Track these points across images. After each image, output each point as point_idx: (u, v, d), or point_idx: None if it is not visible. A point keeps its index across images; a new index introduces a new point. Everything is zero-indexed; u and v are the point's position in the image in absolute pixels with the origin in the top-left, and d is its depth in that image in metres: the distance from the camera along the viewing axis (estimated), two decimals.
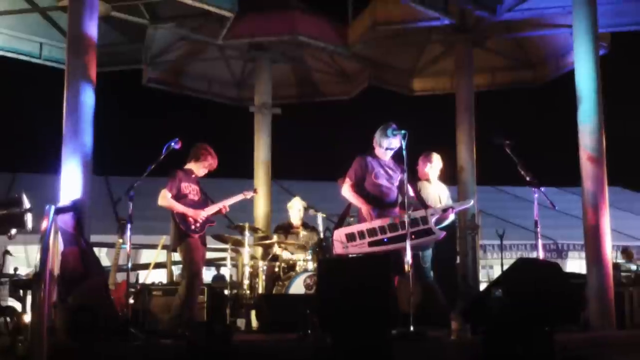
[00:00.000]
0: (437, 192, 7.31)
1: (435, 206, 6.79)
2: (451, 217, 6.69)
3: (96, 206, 7.04)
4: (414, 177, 6.83)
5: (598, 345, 6.50)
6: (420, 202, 6.56)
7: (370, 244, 6.33)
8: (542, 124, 22.57)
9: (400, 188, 6.43)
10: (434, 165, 7.47)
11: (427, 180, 7.42)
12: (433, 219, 6.33)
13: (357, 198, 6.53)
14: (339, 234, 6.45)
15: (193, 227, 6.94)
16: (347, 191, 6.62)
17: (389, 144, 6.53)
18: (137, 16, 9.79)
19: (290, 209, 9.02)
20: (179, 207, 6.90)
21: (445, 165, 7.72)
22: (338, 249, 6.43)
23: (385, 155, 6.62)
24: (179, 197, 6.98)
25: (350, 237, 6.38)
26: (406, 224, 5.96)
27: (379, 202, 6.52)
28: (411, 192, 6.44)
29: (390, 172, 6.58)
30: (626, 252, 11.74)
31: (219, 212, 7.26)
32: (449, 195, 7.55)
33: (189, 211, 6.89)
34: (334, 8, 11.41)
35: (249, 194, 7.88)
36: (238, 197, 7.51)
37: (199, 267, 6.99)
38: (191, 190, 7.08)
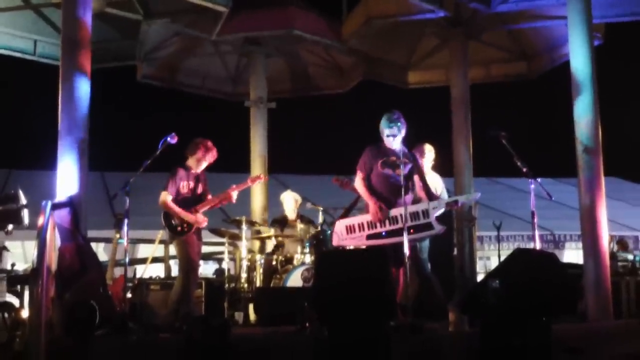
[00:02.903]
0: (432, 183, 7.31)
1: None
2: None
3: (93, 202, 7.03)
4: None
5: (595, 335, 6.52)
6: (427, 194, 6.54)
7: (368, 237, 6.36)
8: (538, 115, 22.61)
9: (408, 178, 6.42)
10: (426, 156, 7.48)
11: None
12: (435, 213, 6.32)
13: (368, 194, 6.50)
14: (340, 226, 6.50)
15: (179, 228, 6.95)
16: (359, 185, 6.61)
17: (388, 131, 6.48)
18: (131, 12, 9.75)
19: (283, 202, 9.04)
20: (176, 210, 6.93)
21: (442, 157, 7.73)
22: (334, 241, 6.48)
23: (392, 144, 6.54)
24: (177, 195, 6.99)
25: (350, 229, 6.43)
26: (405, 218, 5.97)
27: (385, 191, 6.49)
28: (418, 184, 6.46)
29: (397, 161, 6.48)
30: (621, 243, 11.78)
31: (226, 198, 7.26)
32: (444, 186, 7.55)
33: (189, 217, 6.90)
34: (328, 2, 11.40)
35: (254, 181, 7.92)
36: (241, 186, 7.48)
37: (193, 262, 6.99)
38: (188, 188, 7.08)
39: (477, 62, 11.62)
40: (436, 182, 7.41)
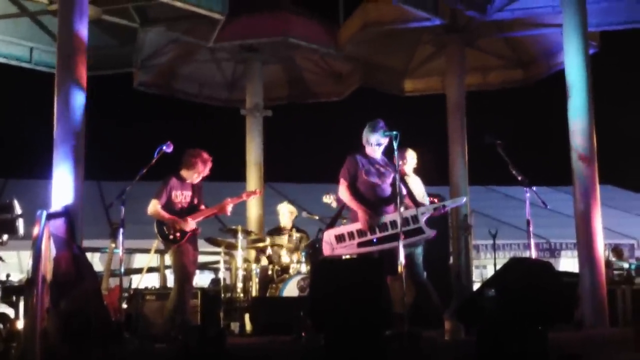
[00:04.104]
0: (415, 187, 7.28)
1: (419, 199, 6.72)
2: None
3: (88, 211, 7.01)
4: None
5: (591, 343, 6.52)
6: (412, 201, 6.52)
7: (359, 245, 6.28)
8: (534, 123, 22.65)
9: (393, 186, 6.40)
10: (408, 161, 7.48)
11: (405, 175, 7.40)
12: (424, 218, 6.31)
13: (356, 203, 6.38)
14: (329, 236, 6.41)
15: (172, 237, 6.90)
16: (344, 194, 6.48)
17: (376, 140, 6.46)
18: (128, 19, 9.76)
19: (279, 213, 9.10)
20: (165, 216, 6.89)
21: (437, 165, 7.73)
22: (326, 250, 6.39)
23: (375, 153, 6.54)
24: (169, 204, 6.95)
25: (340, 238, 6.34)
26: (399, 224, 5.96)
27: (371, 199, 6.43)
28: (403, 191, 6.44)
29: (381, 169, 6.50)
30: (616, 251, 11.79)
31: (221, 211, 7.22)
32: (424, 191, 7.52)
33: (179, 222, 6.87)
34: (325, 9, 11.42)
35: (249, 196, 7.88)
36: (236, 200, 7.42)
37: (188, 271, 6.94)
38: (182, 198, 7.04)
39: (474, 69, 11.67)
40: (418, 186, 7.39)
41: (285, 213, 9.07)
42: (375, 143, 6.49)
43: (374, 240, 6.26)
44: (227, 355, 5.06)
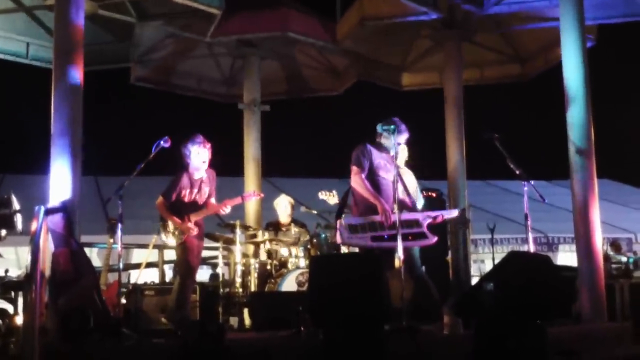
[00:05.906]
0: (408, 180, 7.23)
1: (412, 193, 6.74)
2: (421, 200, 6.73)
3: (86, 206, 6.99)
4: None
5: (590, 337, 6.54)
6: (410, 201, 6.55)
7: (373, 239, 6.24)
8: (531, 117, 22.66)
9: (393, 183, 6.39)
10: (400, 155, 7.45)
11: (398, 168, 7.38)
12: (425, 223, 6.30)
13: (374, 195, 6.32)
14: (344, 224, 6.31)
15: (171, 235, 6.91)
16: (359, 183, 6.38)
17: (396, 139, 6.45)
18: (124, 14, 9.73)
19: (277, 207, 9.04)
20: (166, 216, 6.89)
21: (435, 159, 7.73)
22: (344, 237, 6.30)
23: (390, 150, 6.52)
24: (179, 202, 6.93)
25: (353, 229, 6.27)
26: (397, 221, 5.98)
27: (380, 194, 6.39)
28: (401, 191, 6.45)
29: (388, 165, 6.50)
30: (614, 245, 11.81)
31: (216, 211, 7.20)
32: (417, 185, 7.51)
33: (176, 223, 6.84)
34: (322, 4, 11.40)
35: (249, 197, 7.81)
36: (234, 202, 7.40)
37: (191, 267, 6.92)
38: (191, 195, 7.00)
39: (471, 63, 11.63)
40: (411, 180, 7.36)
41: (287, 205, 8.99)
42: (397, 142, 6.49)
43: (386, 236, 6.22)
44: (225, 350, 5.07)
